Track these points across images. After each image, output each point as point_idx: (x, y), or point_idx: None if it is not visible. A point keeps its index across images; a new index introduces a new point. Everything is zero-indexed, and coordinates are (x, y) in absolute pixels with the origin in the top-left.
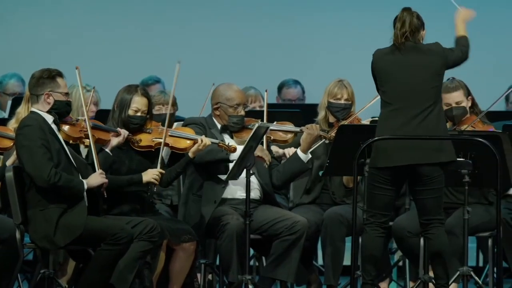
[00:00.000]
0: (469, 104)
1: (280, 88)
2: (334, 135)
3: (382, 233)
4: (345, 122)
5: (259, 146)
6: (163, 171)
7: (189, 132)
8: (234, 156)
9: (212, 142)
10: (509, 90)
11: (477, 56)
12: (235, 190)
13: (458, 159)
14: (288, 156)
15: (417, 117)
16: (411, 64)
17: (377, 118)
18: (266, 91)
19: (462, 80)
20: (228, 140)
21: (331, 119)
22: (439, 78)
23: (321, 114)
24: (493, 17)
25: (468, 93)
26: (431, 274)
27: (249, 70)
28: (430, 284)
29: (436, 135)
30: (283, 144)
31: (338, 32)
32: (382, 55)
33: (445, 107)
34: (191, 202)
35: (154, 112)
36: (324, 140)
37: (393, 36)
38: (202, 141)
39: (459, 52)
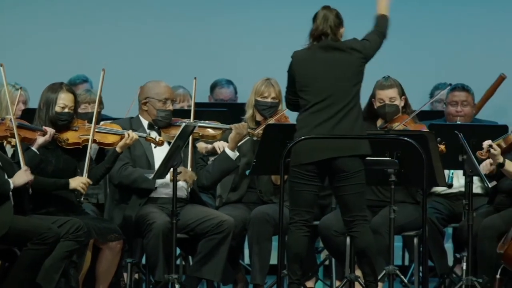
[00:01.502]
0: (402, 104)
1: (213, 88)
2: (261, 132)
3: (307, 232)
4: (272, 120)
5: (182, 168)
6: (90, 181)
7: (116, 127)
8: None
9: (139, 136)
10: (443, 92)
11: (403, 55)
12: (161, 189)
13: (384, 158)
14: (218, 150)
15: (338, 115)
16: (332, 63)
17: None
18: (195, 78)
19: (397, 79)
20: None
21: (258, 117)
22: (360, 76)
23: (249, 112)
24: (417, 16)
25: (402, 93)
26: (357, 273)
27: (179, 70)
28: (356, 283)
29: (356, 133)
30: (212, 140)
31: (271, 31)
32: (301, 56)
33: (378, 104)
34: (118, 201)
35: (80, 110)
36: (252, 137)
37: (310, 35)
38: (129, 135)
39: (376, 37)
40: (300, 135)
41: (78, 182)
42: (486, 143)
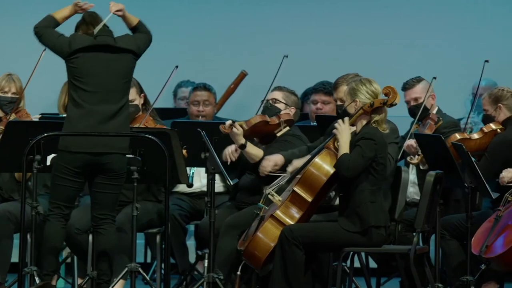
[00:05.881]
0: (142, 102)
1: None
2: (3, 128)
3: (64, 224)
4: (14, 117)
5: None
6: None
7: None
8: None
9: None
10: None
11: (152, 54)
12: None
13: (127, 155)
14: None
15: (110, 113)
16: (108, 60)
17: (47, 115)
18: None
19: (134, 78)
20: None
21: (0, 113)
22: (131, 73)
23: None
24: (162, 15)
25: (140, 91)
26: None
27: None
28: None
29: (125, 132)
30: None
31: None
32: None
33: None
34: None
35: None
36: None
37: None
38: None
39: (145, 36)
40: (69, 128)
41: None
42: (228, 122)
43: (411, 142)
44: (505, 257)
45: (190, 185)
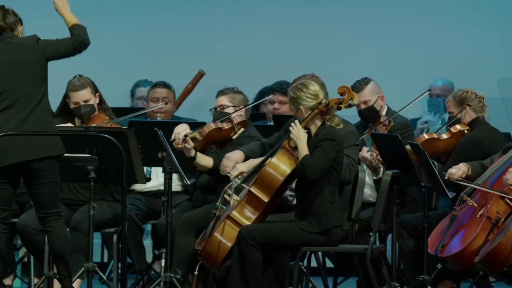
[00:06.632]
0: (97, 101)
1: None
2: None
3: (4, 229)
4: None
5: None
6: None
7: None
8: None
9: None
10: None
11: (100, 53)
12: None
13: (84, 155)
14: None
15: (24, 112)
16: (9, 61)
17: None
18: None
19: (88, 77)
20: None
21: None
22: (39, 71)
23: None
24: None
25: (95, 90)
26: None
27: None
28: (55, 280)
29: (45, 130)
30: None
31: None
32: None
33: (73, 106)
34: None
35: None
36: None
37: None
38: None
39: (72, 43)
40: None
41: None
42: (181, 136)
43: (366, 154)
44: (460, 256)
45: (147, 179)
